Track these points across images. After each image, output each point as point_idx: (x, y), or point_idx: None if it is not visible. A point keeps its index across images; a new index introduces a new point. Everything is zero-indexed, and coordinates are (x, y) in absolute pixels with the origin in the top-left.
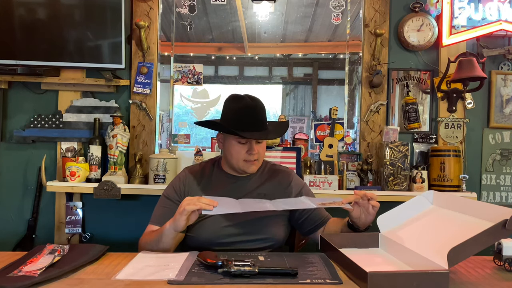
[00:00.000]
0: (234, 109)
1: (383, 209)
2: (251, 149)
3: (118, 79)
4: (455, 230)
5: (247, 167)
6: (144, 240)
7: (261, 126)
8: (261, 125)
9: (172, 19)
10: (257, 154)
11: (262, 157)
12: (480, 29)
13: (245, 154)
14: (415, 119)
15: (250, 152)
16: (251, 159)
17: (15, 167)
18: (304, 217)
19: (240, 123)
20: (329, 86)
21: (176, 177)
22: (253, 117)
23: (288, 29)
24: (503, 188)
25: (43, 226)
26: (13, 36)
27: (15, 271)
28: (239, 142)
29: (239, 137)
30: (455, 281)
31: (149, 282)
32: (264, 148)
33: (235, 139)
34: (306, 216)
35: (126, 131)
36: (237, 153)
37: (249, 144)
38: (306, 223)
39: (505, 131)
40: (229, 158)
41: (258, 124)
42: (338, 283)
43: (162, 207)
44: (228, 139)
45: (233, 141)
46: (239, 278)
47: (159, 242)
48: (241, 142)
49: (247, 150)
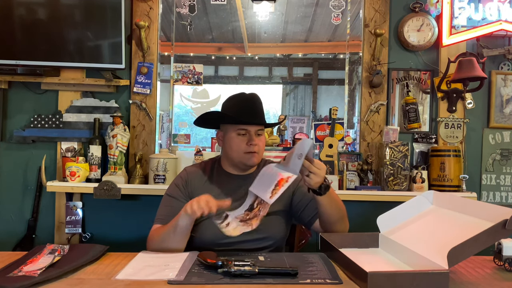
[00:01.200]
0: (234, 103)
1: (383, 209)
2: (251, 140)
3: (118, 79)
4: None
5: (248, 159)
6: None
7: (260, 116)
8: (259, 114)
9: (172, 19)
10: (257, 146)
11: (262, 150)
12: (480, 29)
13: (245, 146)
14: (415, 119)
15: (250, 142)
16: (251, 150)
17: (15, 167)
18: (302, 208)
19: (238, 113)
20: (329, 86)
21: (177, 176)
22: (253, 107)
23: (288, 29)
24: (503, 188)
25: (43, 226)
26: (13, 36)
27: (15, 271)
28: (239, 134)
29: (239, 129)
30: (455, 281)
31: (149, 282)
32: (264, 142)
33: (234, 131)
34: (304, 207)
35: (126, 131)
36: (237, 146)
37: (248, 135)
38: (305, 214)
39: (505, 131)
40: (230, 153)
41: (256, 113)
42: (338, 283)
43: (168, 207)
44: (228, 133)
45: (233, 133)
46: (239, 278)
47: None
48: (240, 133)
49: (247, 141)
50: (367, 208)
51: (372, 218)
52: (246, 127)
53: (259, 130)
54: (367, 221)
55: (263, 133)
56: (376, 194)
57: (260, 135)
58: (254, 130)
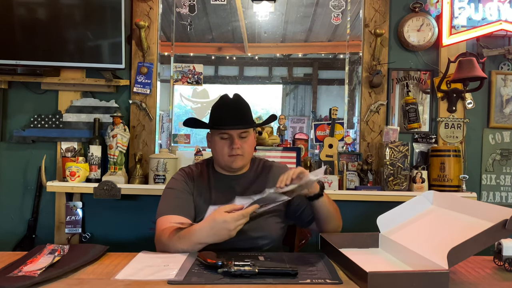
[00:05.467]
0: (216, 106)
1: (383, 209)
2: (232, 143)
3: (118, 79)
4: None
5: (231, 162)
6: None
7: (241, 119)
8: (240, 118)
9: (172, 19)
10: (240, 148)
11: (247, 152)
12: (480, 29)
13: (228, 149)
14: (415, 119)
15: (232, 146)
16: (234, 153)
17: (15, 167)
18: (300, 209)
19: (219, 118)
20: (329, 86)
21: (176, 174)
22: (233, 111)
23: (288, 29)
24: (503, 188)
25: (43, 226)
26: (13, 36)
27: (15, 271)
28: (221, 138)
29: (220, 133)
30: (455, 281)
31: (149, 282)
32: (250, 144)
33: (217, 135)
34: (303, 209)
35: (126, 131)
36: (221, 149)
37: (230, 139)
38: (304, 215)
39: (505, 131)
40: (216, 156)
41: (236, 117)
42: (338, 283)
43: (177, 198)
44: (212, 136)
45: (216, 137)
46: (239, 278)
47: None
48: (223, 137)
49: (229, 144)
50: (367, 208)
51: (372, 218)
52: (228, 131)
53: (242, 133)
54: (367, 221)
55: (248, 134)
56: (376, 194)
57: (244, 138)
58: (237, 133)
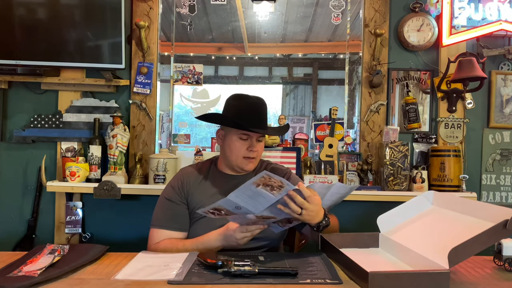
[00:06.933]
0: (239, 106)
1: (383, 209)
2: (252, 146)
3: (118, 79)
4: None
5: (245, 165)
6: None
7: (265, 123)
8: (265, 122)
9: (172, 19)
10: (256, 152)
11: (260, 156)
12: (480, 29)
13: (245, 151)
14: (415, 119)
15: (251, 148)
16: (251, 156)
17: (15, 167)
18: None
19: (245, 118)
20: (329, 86)
21: (173, 178)
22: (258, 114)
23: (288, 29)
24: (503, 188)
25: (43, 226)
26: (13, 36)
27: (15, 271)
28: (241, 138)
29: (241, 133)
30: (455, 281)
31: (149, 282)
32: (263, 147)
33: (236, 135)
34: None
35: (126, 131)
36: (237, 150)
37: (250, 141)
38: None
39: (505, 131)
40: (229, 155)
41: (262, 121)
42: (338, 283)
43: (166, 210)
44: (229, 135)
45: (235, 136)
46: (239, 278)
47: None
48: (242, 138)
49: (248, 146)
50: (367, 208)
51: (372, 218)
52: (249, 132)
53: (260, 137)
54: (367, 221)
55: (263, 138)
56: (376, 194)
57: (260, 141)
58: (256, 136)
